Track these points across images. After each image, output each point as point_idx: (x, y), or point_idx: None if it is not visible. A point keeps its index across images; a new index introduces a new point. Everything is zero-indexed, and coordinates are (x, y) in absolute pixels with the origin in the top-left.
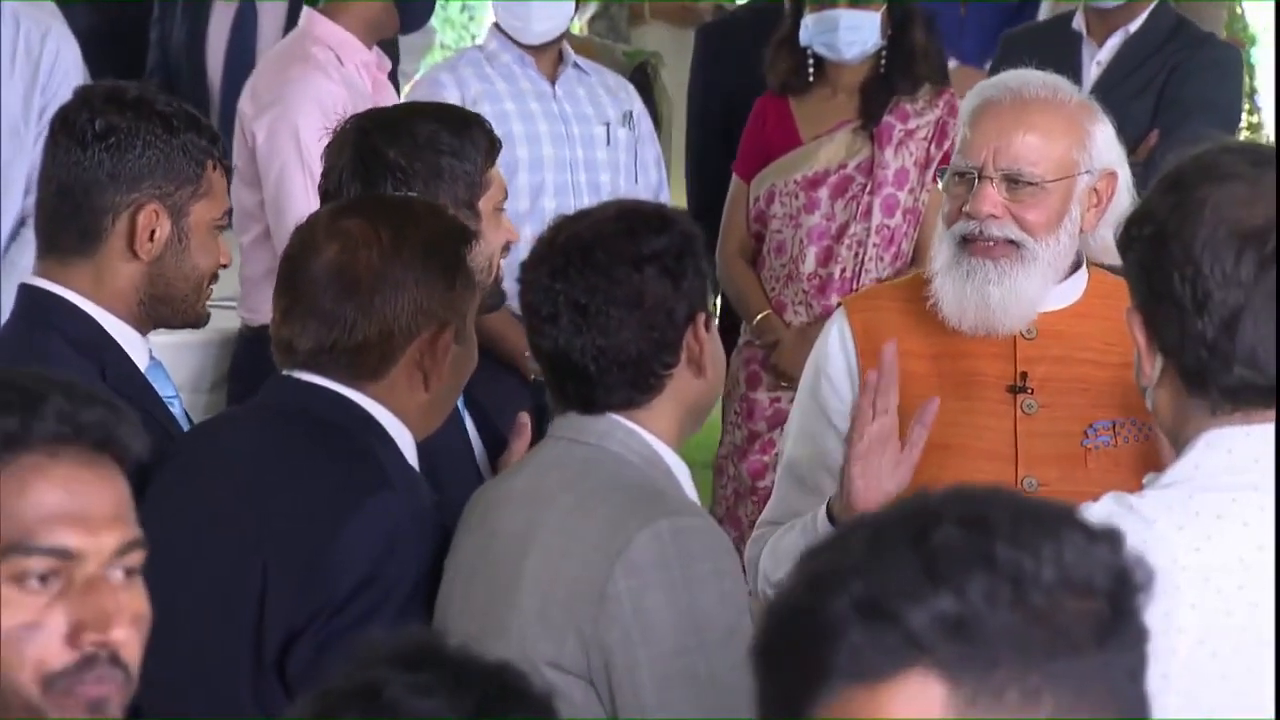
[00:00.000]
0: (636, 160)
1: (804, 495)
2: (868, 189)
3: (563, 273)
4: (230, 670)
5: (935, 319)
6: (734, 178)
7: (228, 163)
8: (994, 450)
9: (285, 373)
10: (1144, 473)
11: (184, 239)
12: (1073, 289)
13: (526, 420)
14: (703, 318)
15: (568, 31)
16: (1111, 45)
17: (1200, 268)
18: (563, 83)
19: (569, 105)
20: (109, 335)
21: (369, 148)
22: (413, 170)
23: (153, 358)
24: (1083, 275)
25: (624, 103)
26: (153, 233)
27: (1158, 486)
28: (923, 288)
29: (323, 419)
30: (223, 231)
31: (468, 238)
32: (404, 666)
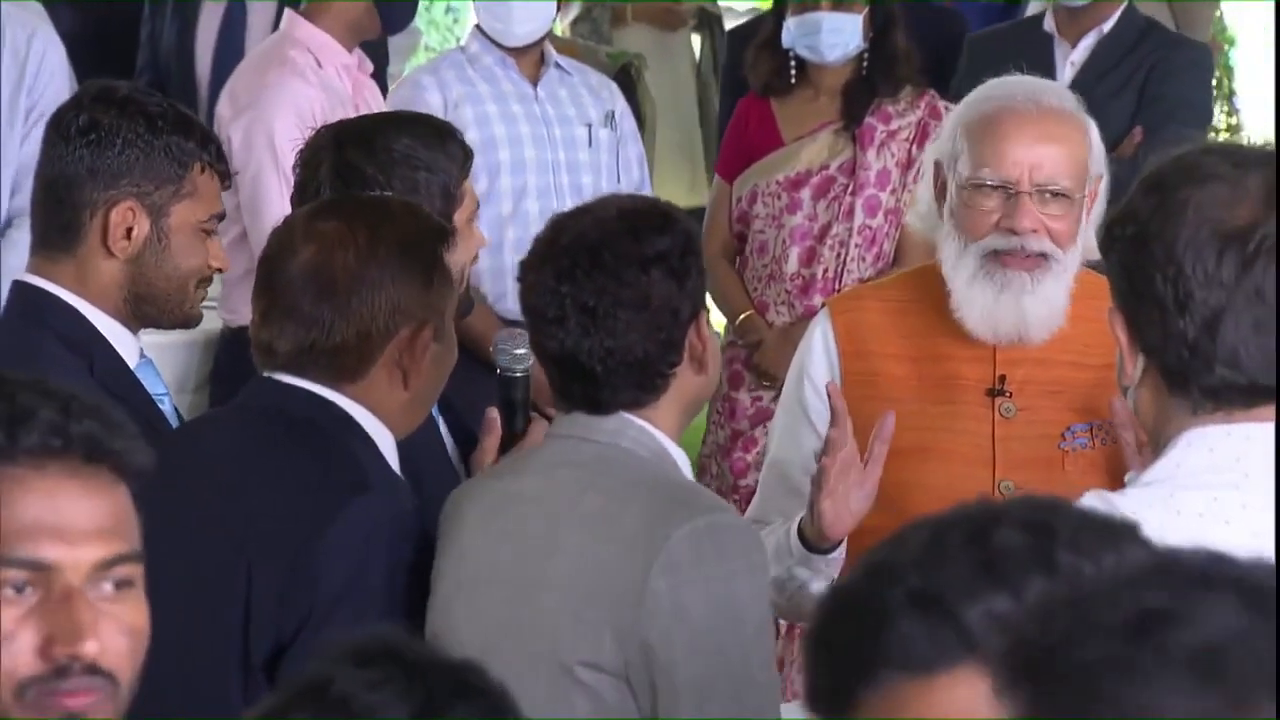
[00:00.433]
0: (619, 160)
1: (786, 495)
2: (850, 190)
3: (569, 275)
4: (219, 671)
5: (917, 321)
6: (716, 178)
7: (223, 167)
8: (972, 454)
9: (266, 374)
10: (1121, 475)
11: (164, 239)
12: None
13: (496, 416)
14: (704, 316)
15: (550, 33)
16: (1085, 45)
17: (1182, 268)
18: (545, 84)
19: (551, 107)
20: (98, 332)
21: (345, 162)
22: (390, 186)
23: (143, 355)
24: None
25: (606, 103)
26: (129, 231)
27: (1139, 485)
28: (906, 288)
29: (303, 420)
30: (212, 235)
31: (445, 236)
32: (357, 663)
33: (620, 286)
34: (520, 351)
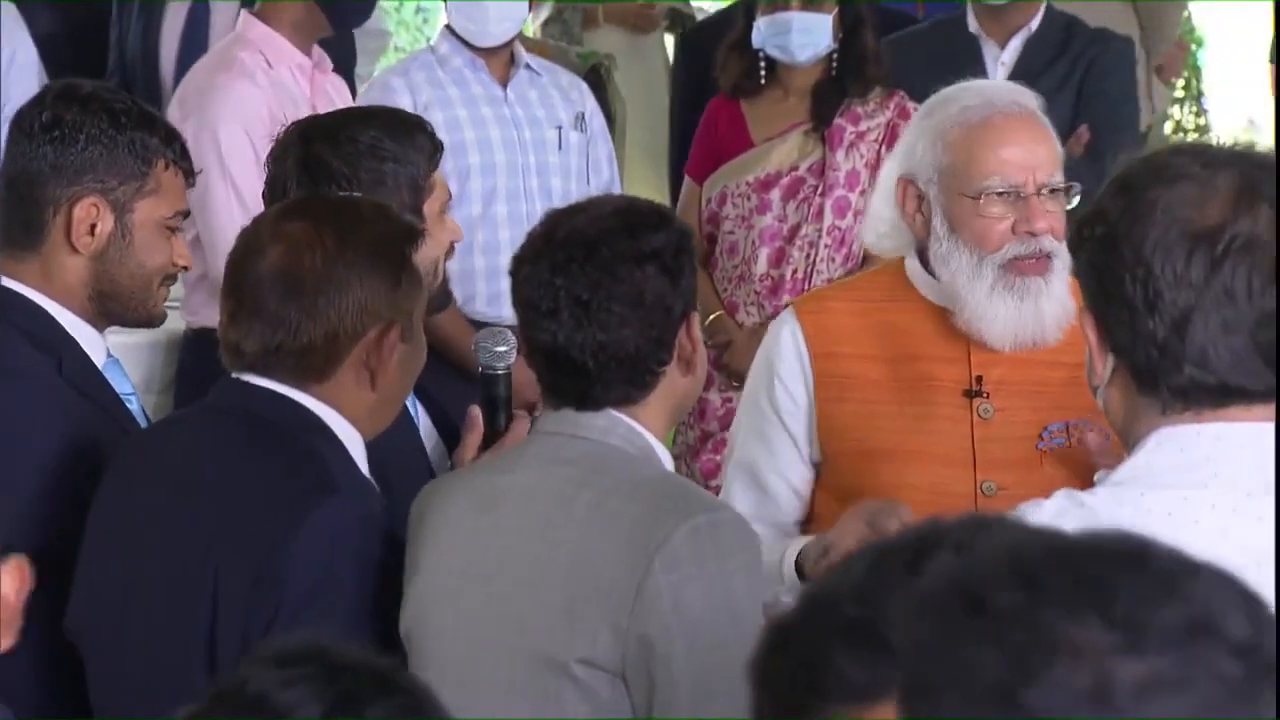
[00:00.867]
0: (589, 160)
1: (752, 493)
2: (819, 190)
3: (564, 268)
4: (185, 673)
5: (887, 321)
6: (686, 179)
7: (186, 164)
8: (952, 455)
9: (233, 375)
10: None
11: (128, 235)
12: None
13: (478, 413)
14: (695, 317)
15: (520, 34)
16: (1014, 46)
17: (1151, 268)
18: (514, 86)
19: (520, 109)
20: (65, 331)
21: (312, 156)
22: (356, 178)
23: (110, 354)
24: None
25: (576, 104)
26: (93, 227)
27: (1109, 484)
28: (873, 288)
29: (270, 421)
30: (176, 232)
31: (413, 236)
32: (277, 664)
33: (615, 281)
34: (502, 349)
